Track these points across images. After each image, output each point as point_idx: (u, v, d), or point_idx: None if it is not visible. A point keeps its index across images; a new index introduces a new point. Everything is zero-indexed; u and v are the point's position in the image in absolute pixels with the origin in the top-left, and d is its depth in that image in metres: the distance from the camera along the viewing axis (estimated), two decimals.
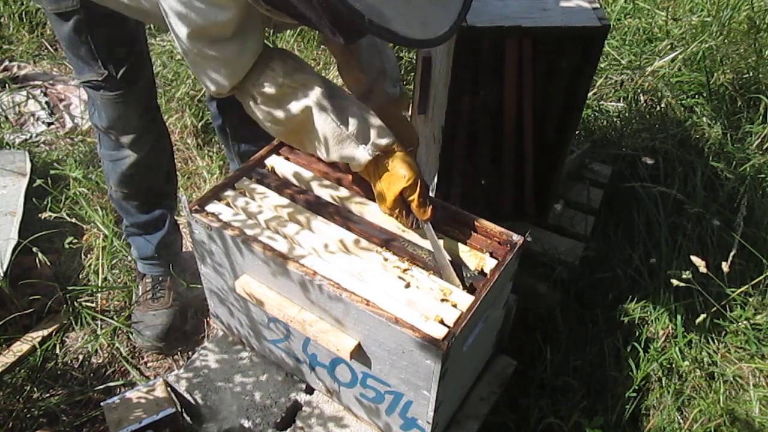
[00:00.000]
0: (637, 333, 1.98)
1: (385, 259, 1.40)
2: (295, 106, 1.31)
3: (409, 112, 2.38)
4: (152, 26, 2.96)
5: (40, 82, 3.06)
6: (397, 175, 1.35)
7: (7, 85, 3.00)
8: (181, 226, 2.17)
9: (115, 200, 1.95)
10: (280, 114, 1.33)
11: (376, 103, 1.52)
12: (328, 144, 1.35)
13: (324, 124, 1.32)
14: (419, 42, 1.09)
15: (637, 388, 1.85)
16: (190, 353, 2.02)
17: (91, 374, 1.96)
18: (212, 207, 1.51)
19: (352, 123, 1.33)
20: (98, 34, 1.53)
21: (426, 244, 1.43)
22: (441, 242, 1.41)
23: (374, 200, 1.54)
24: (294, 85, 1.31)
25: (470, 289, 1.36)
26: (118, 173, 1.82)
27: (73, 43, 1.54)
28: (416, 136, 1.58)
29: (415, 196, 1.37)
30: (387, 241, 1.43)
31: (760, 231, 2.15)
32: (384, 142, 1.35)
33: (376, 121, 1.37)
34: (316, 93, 1.31)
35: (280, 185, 1.58)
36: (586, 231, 2.20)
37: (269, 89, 1.31)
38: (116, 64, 1.57)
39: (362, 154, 1.35)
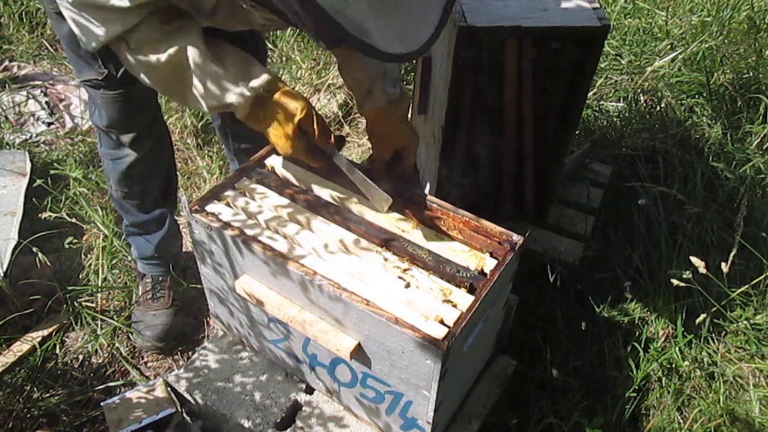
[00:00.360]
0: (637, 333, 1.98)
1: (385, 259, 1.40)
2: (170, 48, 1.24)
3: (410, 113, 2.38)
4: None
5: (40, 82, 3.06)
6: (288, 110, 1.29)
7: (7, 85, 3.00)
8: (181, 226, 2.17)
9: (115, 200, 1.95)
10: (153, 58, 1.26)
11: (376, 104, 1.50)
12: (206, 88, 1.28)
13: (200, 66, 1.26)
14: (397, 56, 1.08)
15: (637, 388, 1.85)
16: (190, 353, 2.02)
17: (91, 374, 1.96)
18: (212, 207, 1.51)
19: (230, 63, 1.28)
20: None
21: (426, 244, 1.43)
22: (356, 170, 1.37)
23: None
24: (169, 30, 1.25)
25: (470, 289, 1.36)
26: (118, 172, 1.82)
27: (73, 41, 1.54)
28: (416, 136, 1.58)
29: (315, 125, 1.32)
30: (387, 241, 1.43)
31: (760, 231, 2.15)
32: (264, 79, 1.29)
33: (254, 61, 1.31)
34: (192, 35, 1.26)
35: (280, 185, 1.58)
36: (586, 231, 2.20)
37: (144, 34, 1.24)
38: (116, 63, 1.56)
39: (242, 93, 1.28)
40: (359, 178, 1.36)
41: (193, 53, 1.25)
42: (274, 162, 1.64)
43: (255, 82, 1.29)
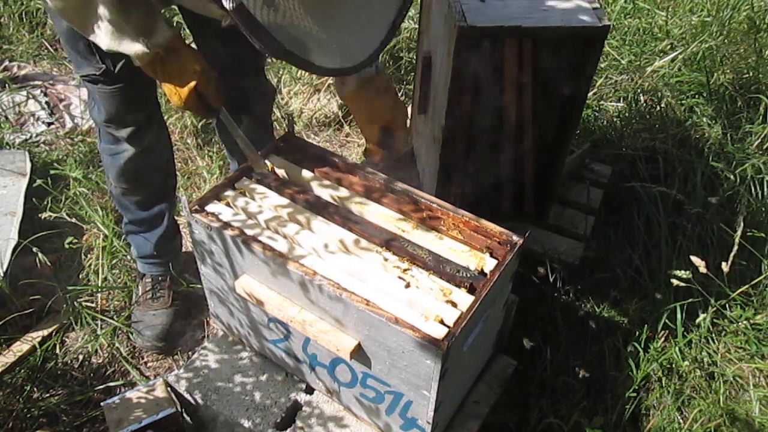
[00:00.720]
0: (637, 333, 1.98)
1: (385, 259, 1.40)
2: None
3: (410, 111, 2.38)
4: None
5: (40, 82, 3.06)
6: (187, 71, 1.35)
7: (7, 85, 3.00)
8: (181, 226, 2.17)
9: (114, 196, 1.95)
10: None
11: (350, 87, 1.51)
12: (108, 32, 1.30)
13: (103, 9, 1.27)
14: (338, 71, 1.12)
15: (637, 388, 1.85)
16: (190, 353, 2.02)
17: (91, 374, 1.96)
18: (212, 207, 1.51)
19: (135, 16, 1.29)
20: None
21: (426, 244, 1.43)
22: (239, 130, 1.50)
23: (374, 200, 1.54)
24: None
25: (470, 289, 1.36)
26: (117, 168, 1.83)
27: (71, 37, 1.55)
28: (401, 108, 1.57)
29: (211, 87, 1.39)
30: (387, 241, 1.43)
31: (760, 231, 2.15)
32: (166, 38, 1.32)
33: (159, 17, 1.33)
34: None
35: (280, 185, 1.58)
36: (586, 231, 2.20)
37: None
38: (114, 58, 1.57)
39: (140, 48, 1.31)
40: (241, 138, 1.50)
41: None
42: (274, 162, 1.64)
43: (156, 40, 1.32)
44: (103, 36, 1.31)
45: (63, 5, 1.29)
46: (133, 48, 1.31)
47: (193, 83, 1.36)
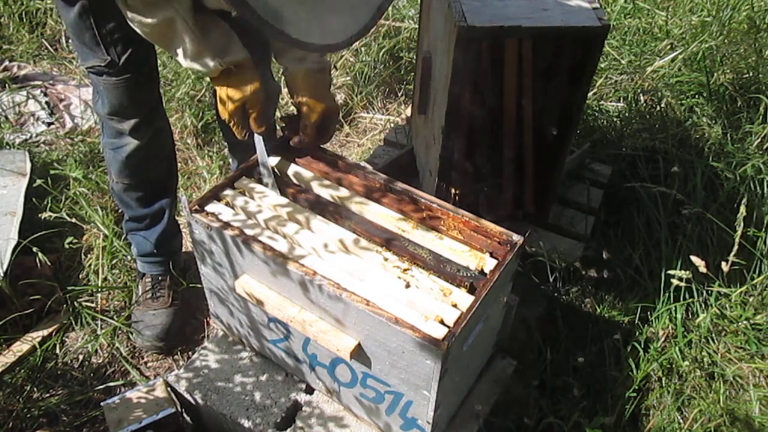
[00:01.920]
0: (637, 333, 1.98)
1: (385, 259, 1.40)
2: (160, 16, 1.35)
3: (413, 111, 2.38)
4: None
5: (40, 82, 3.06)
6: (245, 85, 1.46)
7: (7, 85, 3.00)
8: (181, 226, 2.17)
9: (116, 193, 1.96)
10: (144, 20, 1.36)
11: (308, 66, 1.58)
12: (186, 54, 1.41)
13: (185, 36, 1.37)
14: (313, 46, 1.16)
15: (637, 388, 1.85)
16: (190, 353, 2.02)
17: (91, 374, 1.96)
18: (212, 207, 1.51)
19: (214, 37, 1.41)
20: (102, 19, 1.56)
21: (426, 244, 1.43)
22: (270, 158, 1.59)
23: (374, 200, 1.54)
24: None
25: (470, 289, 1.36)
26: (119, 162, 1.84)
27: (78, 29, 1.58)
28: (337, 105, 1.66)
29: (256, 109, 1.50)
30: (387, 241, 1.43)
31: (760, 231, 2.15)
32: (237, 58, 1.44)
33: (235, 39, 1.45)
34: (182, 6, 1.35)
35: (280, 185, 1.58)
36: (586, 231, 2.20)
37: None
38: (119, 50, 1.60)
39: (216, 66, 1.42)
40: (266, 166, 1.58)
41: (180, 25, 1.36)
42: (275, 162, 1.64)
43: (230, 59, 1.44)
44: (183, 59, 1.43)
45: (149, 30, 1.39)
46: (210, 65, 1.42)
47: (243, 99, 1.47)
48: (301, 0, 1.08)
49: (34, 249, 2.05)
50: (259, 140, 1.57)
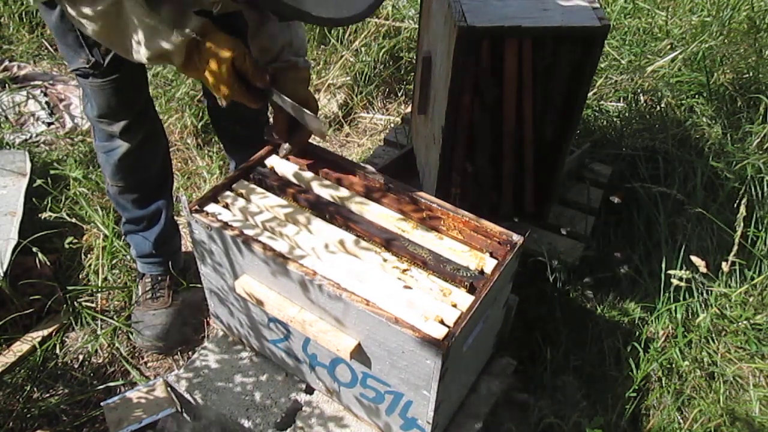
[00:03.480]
0: (637, 333, 1.98)
1: (385, 260, 1.40)
2: (105, 1, 1.28)
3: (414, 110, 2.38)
4: None
5: (40, 82, 3.06)
6: (222, 49, 1.35)
7: (7, 85, 3.00)
8: (181, 227, 2.17)
9: (111, 195, 1.95)
10: (90, 11, 1.30)
11: (280, 65, 1.56)
12: (143, 38, 1.32)
13: (136, 16, 1.29)
14: (330, 21, 1.12)
15: (637, 388, 1.85)
16: (190, 353, 2.02)
17: (91, 374, 1.96)
18: (212, 207, 1.51)
19: (165, 11, 1.31)
20: None
21: (426, 244, 1.43)
22: (290, 101, 1.49)
23: (374, 200, 1.54)
24: None
25: (470, 289, 1.36)
26: (112, 164, 1.83)
27: (61, 31, 1.56)
28: (315, 102, 1.62)
29: (248, 64, 1.38)
30: (387, 241, 1.43)
31: (760, 231, 2.15)
32: (196, 23, 1.34)
33: (189, 11, 1.35)
34: None
35: (281, 185, 1.58)
36: (586, 231, 2.20)
37: None
38: (103, 51, 1.58)
39: (176, 38, 1.32)
40: (296, 108, 1.48)
41: (129, 4, 1.28)
42: (274, 162, 1.64)
43: (189, 26, 1.33)
44: (142, 47, 1.33)
45: (98, 23, 1.32)
46: (170, 40, 1.32)
47: (229, 57, 1.35)
48: None
49: (34, 249, 2.05)
50: (276, 94, 1.47)
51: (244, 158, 1.67)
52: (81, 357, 2.01)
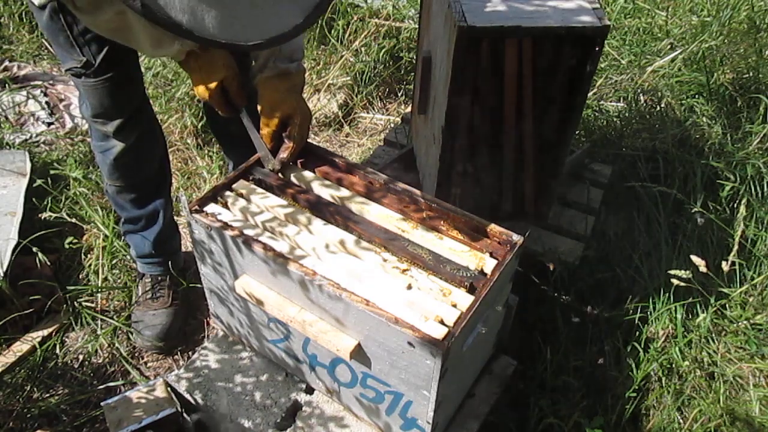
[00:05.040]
0: (637, 333, 1.98)
1: (385, 260, 1.40)
2: (110, 11, 1.31)
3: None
4: None
5: (40, 82, 3.06)
6: (216, 65, 1.47)
7: (7, 85, 3.00)
8: (181, 227, 2.17)
9: (110, 195, 1.95)
10: (96, 18, 1.34)
11: (267, 74, 1.58)
12: (147, 42, 1.39)
13: (140, 26, 1.34)
14: (221, 44, 1.04)
15: (637, 388, 1.85)
16: (190, 353, 2.02)
17: (91, 374, 1.96)
18: (212, 207, 1.51)
19: None
20: (73, 19, 1.54)
21: (426, 244, 1.43)
22: (255, 130, 1.60)
23: (374, 200, 1.54)
24: None
25: (470, 289, 1.36)
26: (108, 164, 1.83)
27: (52, 32, 1.56)
28: (307, 109, 1.65)
29: (234, 84, 1.51)
30: (387, 241, 1.43)
31: (760, 231, 2.15)
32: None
33: None
34: None
35: (281, 185, 1.58)
36: (586, 231, 2.20)
37: None
38: (94, 50, 1.58)
39: (178, 48, 1.42)
40: (256, 138, 1.60)
41: (133, 16, 1.31)
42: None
43: (189, 44, 1.40)
44: (148, 47, 1.41)
45: (104, 27, 1.37)
46: (173, 48, 1.42)
47: (220, 77, 1.48)
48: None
49: (34, 249, 2.05)
50: (244, 115, 1.58)
51: (241, 158, 1.67)
52: (81, 357, 2.01)
